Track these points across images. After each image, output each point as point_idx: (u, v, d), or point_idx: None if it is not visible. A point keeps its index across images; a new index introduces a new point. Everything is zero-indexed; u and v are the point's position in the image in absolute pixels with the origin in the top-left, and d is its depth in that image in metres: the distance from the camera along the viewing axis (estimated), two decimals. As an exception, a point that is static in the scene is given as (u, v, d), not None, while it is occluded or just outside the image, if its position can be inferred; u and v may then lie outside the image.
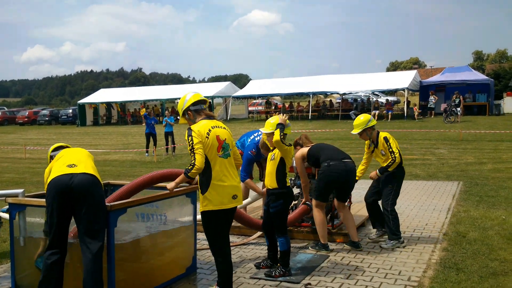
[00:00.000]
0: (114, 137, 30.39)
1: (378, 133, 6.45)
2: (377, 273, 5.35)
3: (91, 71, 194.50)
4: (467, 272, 5.23)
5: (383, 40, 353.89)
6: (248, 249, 6.42)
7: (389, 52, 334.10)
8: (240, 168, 5.09)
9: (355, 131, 6.50)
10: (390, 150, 6.20)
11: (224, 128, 4.78)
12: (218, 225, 4.58)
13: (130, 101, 48.30)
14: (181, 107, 4.82)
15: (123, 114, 47.74)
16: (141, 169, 15.09)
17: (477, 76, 37.45)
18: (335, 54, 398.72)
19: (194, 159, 4.44)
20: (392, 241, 6.21)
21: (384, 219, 6.41)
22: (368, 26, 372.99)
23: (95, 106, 47.22)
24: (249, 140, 7.15)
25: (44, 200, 4.74)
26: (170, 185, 4.88)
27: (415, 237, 6.66)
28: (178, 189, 5.29)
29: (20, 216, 4.85)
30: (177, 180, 4.81)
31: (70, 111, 50.49)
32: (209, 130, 4.58)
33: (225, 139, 4.68)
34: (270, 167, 5.41)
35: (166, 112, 21.62)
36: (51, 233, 4.30)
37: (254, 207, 8.20)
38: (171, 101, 50.05)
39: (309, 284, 5.04)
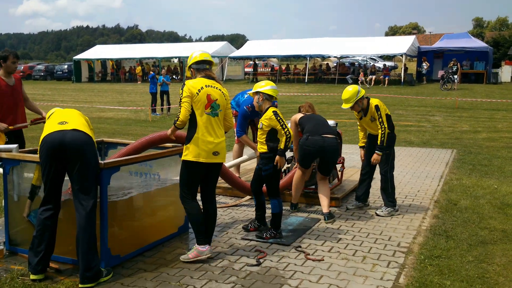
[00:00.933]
0: (109, 94, 30.20)
1: (368, 100, 6.24)
2: (367, 238, 5.40)
3: (87, 26, 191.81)
4: (456, 240, 5.28)
5: (382, 4, 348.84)
6: (240, 211, 6.46)
7: (388, 16, 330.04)
8: (230, 129, 5.14)
9: (346, 106, 6.28)
10: (380, 120, 6.05)
11: (219, 89, 4.88)
12: (191, 175, 4.83)
13: (126, 59, 47.77)
14: (188, 63, 5.08)
15: (117, 71, 47.21)
16: (135, 128, 15.06)
17: (476, 43, 37.19)
18: (334, 16, 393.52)
19: (180, 111, 4.73)
20: (388, 208, 6.23)
21: (367, 196, 6.57)
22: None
23: (91, 63, 46.75)
24: (245, 96, 7.09)
25: (37, 155, 4.73)
26: (167, 131, 5.15)
27: (407, 204, 6.71)
28: (171, 149, 5.33)
29: (14, 172, 4.83)
30: (169, 130, 5.08)
31: (66, 66, 49.93)
32: (201, 88, 4.78)
33: (216, 99, 4.83)
34: (259, 134, 5.42)
35: (163, 71, 21.51)
36: (45, 189, 4.30)
37: (247, 169, 8.22)
38: (166, 59, 49.56)
39: (299, 246, 5.09)
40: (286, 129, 5.16)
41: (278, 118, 5.22)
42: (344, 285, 4.20)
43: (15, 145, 5.05)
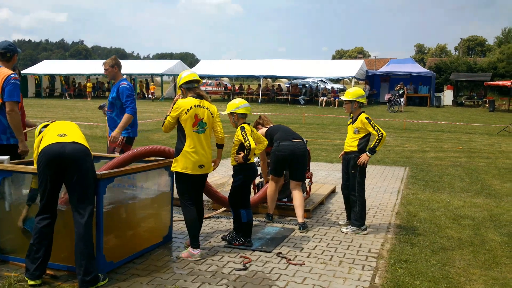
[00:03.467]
0: (59, 110, 29.73)
1: (361, 113, 6.41)
2: (340, 245, 5.85)
3: (29, 40, 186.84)
4: (420, 247, 5.81)
5: (329, 28, 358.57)
6: (218, 221, 6.79)
7: (335, 40, 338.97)
8: (221, 141, 5.59)
9: (344, 97, 6.52)
10: (376, 128, 6.23)
11: (206, 108, 5.41)
12: (182, 185, 5.40)
13: (75, 74, 47.11)
14: (178, 83, 5.57)
15: (67, 87, 46.36)
16: (93, 144, 15.03)
17: (420, 68, 39.25)
18: (282, 38, 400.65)
19: (163, 122, 5.39)
20: (353, 227, 6.36)
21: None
22: (316, 13, 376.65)
23: (37, 78, 45.81)
24: None
25: (29, 167, 4.94)
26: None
27: (371, 215, 7.22)
28: (157, 162, 5.66)
29: (5, 182, 4.99)
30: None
31: (11, 81, 48.61)
32: (190, 108, 5.31)
33: (203, 118, 5.35)
34: (232, 148, 5.86)
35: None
36: (42, 199, 4.49)
37: (218, 184, 8.56)
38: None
39: (280, 253, 5.47)
40: (247, 142, 5.62)
41: (243, 132, 5.69)
42: (327, 285, 4.61)
43: (6, 157, 5.19)
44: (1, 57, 5.78)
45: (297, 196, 6.58)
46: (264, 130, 6.89)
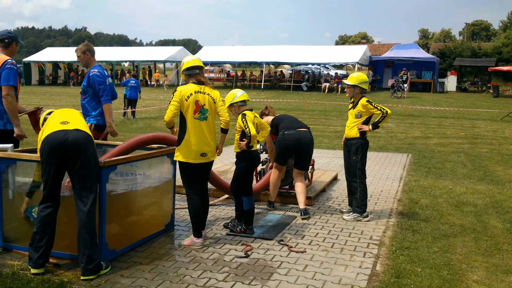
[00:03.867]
0: (62, 98, 29.77)
1: (362, 97, 6.39)
2: (342, 232, 5.86)
3: (33, 27, 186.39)
4: (421, 233, 5.82)
5: (332, 13, 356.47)
6: (220, 209, 6.81)
7: (338, 25, 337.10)
8: (226, 126, 5.50)
9: (347, 81, 6.48)
10: (379, 107, 6.21)
11: (207, 94, 5.33)
12: (186, 173, 5.39)
13: (78, 62, 46.97)
14: (181, 69, 5.62)
15: (72, 74, 46.22)
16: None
17: (424, 54, 39.00)
18: (285, 24, 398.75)
19: (166, 113, 5.29)
20: (355, 214, 6.38)
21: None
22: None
23: (41, 65, 45.77)
24: None
25: (33, 155, 4.95)
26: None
27: (372, 202, 7.23)
28: (159, 150, 5.66)
29: (9, 170, 5.01)
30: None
31: (14, 68, 48.66)
32: (191, 94, 5.25)
33: (204, 104, 5.28)
34: (235, 135, 5.84)
35: (127, 74, 21.39)
36: (46, 187, 4.50)
37: (220, 171, 8.56)
38: (117, 63, 49.01)
39: (282, 240, 5.49)
40: (247, 129, 5.59)
41: (243, 119, 5.68)
42: (328, 273, 4.63)
43: (10, 145, 5.20)
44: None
45: (298, 183, 6.61)
46: (270, 118, 6.89)
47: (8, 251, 5.07)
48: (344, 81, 6.67)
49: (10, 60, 5.64)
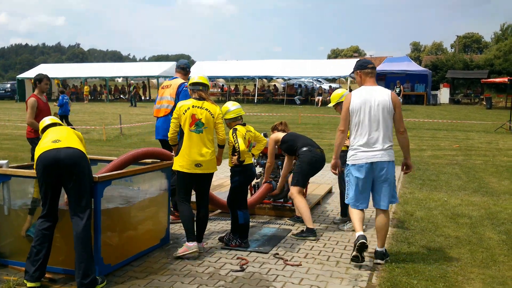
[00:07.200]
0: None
1: None
2: (337, 245, 5.86)
3: (26, 44, 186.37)
4: (417, 246, 5.82)
5: (324, 27, 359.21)
6: (215, 223, 6.79)
7: (330, 39, 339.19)
8: (221, 142, 5.68)
9: (331, 104, 6.73)
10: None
11: (206, 109, 5.53)
12: (180, 181, 5.57)
13: (72, 78, 47.10)
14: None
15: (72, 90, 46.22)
16: (90, 147, 15.02)
17: (416, 67, 39.26)
18: (278, 38, 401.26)
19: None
20: (351, 223, 6.34)
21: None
22: (311, 12, 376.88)
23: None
24: None
25: (27, 171, 4.95)
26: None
27: (367, 214, 7.20)
28: (154, 164, 5.68)
29: (4, 186, 4.99)
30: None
31: (8, 85, 48.83)
32: (188, 108, 5.48)
33: (201, 118, 5.47)
34: (229, 150, 5.89)
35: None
36: (44, 204, 4.54)
37: (214, 186, 8.55)
38: (111, 79, 49.05)
39: (277, 254, 5.48)
40: (237, 144, 5.68)
41: (233, 134, 5.78)
42: (324, 286, 4.61)
43: (5, 161, 5.19)
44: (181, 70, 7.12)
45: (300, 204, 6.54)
46: (280, 135, 6.84)
47: (4, 266, 5.04)
48: (329, 106, 6.87)
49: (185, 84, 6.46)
